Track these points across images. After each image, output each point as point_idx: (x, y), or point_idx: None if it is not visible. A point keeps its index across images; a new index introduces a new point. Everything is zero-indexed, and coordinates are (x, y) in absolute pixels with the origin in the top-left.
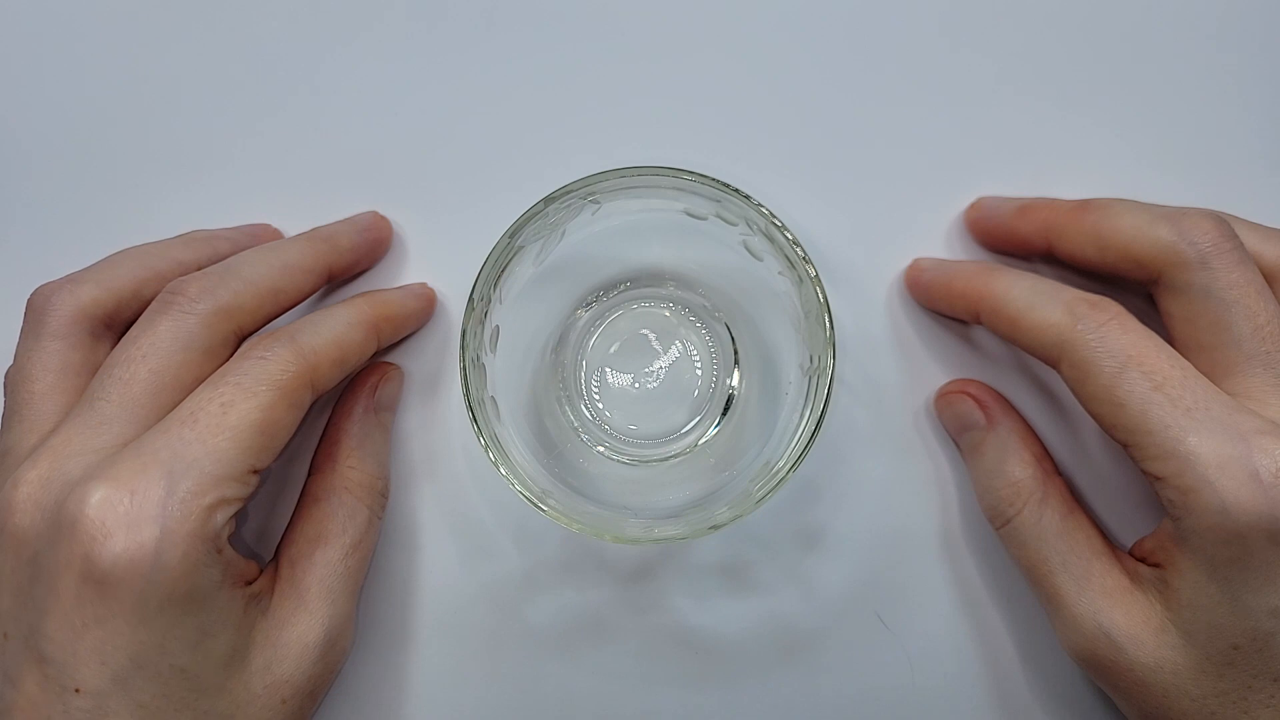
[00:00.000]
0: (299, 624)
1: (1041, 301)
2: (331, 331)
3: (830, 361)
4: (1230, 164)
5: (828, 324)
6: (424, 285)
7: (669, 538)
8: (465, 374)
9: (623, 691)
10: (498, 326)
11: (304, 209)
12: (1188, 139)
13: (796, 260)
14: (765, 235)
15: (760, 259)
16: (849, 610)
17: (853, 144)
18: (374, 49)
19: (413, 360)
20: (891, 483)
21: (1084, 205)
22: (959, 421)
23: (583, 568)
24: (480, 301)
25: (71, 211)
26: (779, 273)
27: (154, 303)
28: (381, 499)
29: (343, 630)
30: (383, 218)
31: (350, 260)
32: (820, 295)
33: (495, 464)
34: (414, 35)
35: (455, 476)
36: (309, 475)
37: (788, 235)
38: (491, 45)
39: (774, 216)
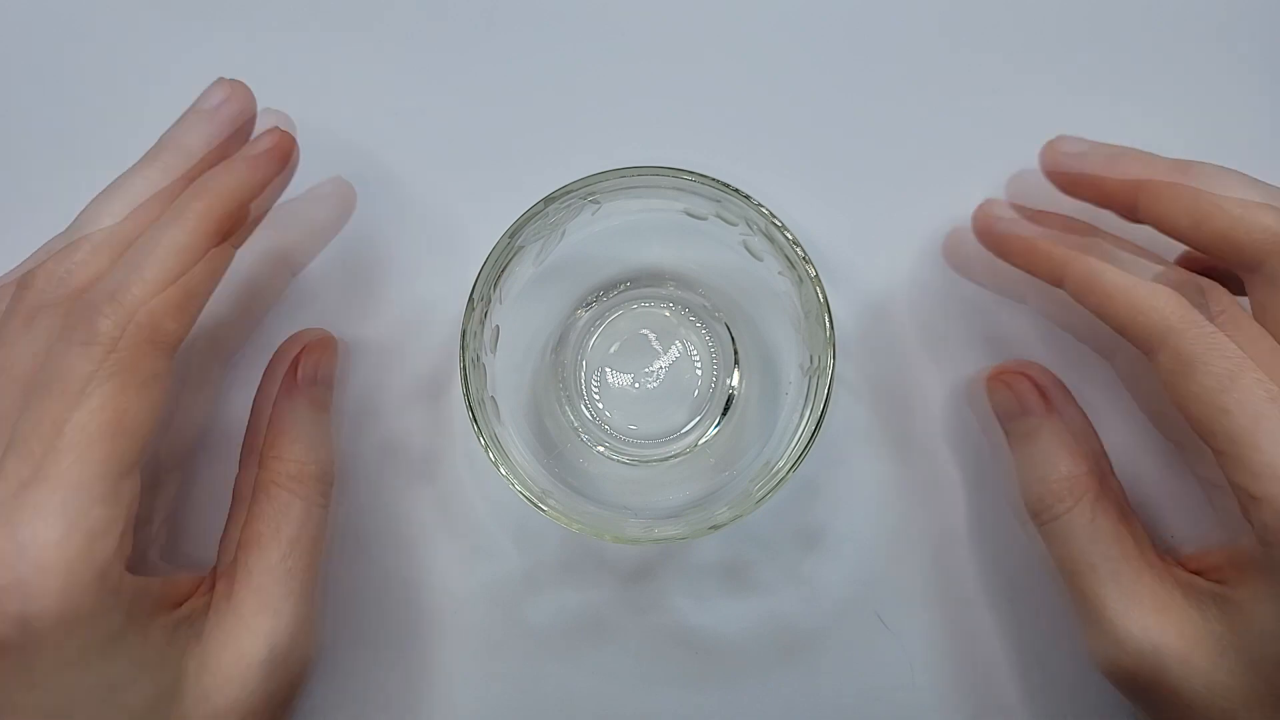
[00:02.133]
0: (236, 642)
1: (1145, 277)
2: (158, 267)
3: (830, 361)
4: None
5: (828, 324)
6: (274, 129)
7: (669, 538)
8: (465, 374)
9: (623, 691)
10: (498, 326)
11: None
12: (1189, 139)
13: (796, 260)
14: (765, 235)
15: (760, 259)
16: (849, 610)
17: (853, 144)
18: (374, 49)
19: (413, 360)
20: (891, 483)
21: (1183, 168)
22: (1012, 405)
23: (583, 568)
24: (480, 301)
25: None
26: (779, 273)
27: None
28: (319, 484)
29: (293, 640)
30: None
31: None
32: (820, 295)
33: (495, 464)
34: (414, 35)
35: (455, 476)
36: (238, 474)
37: (788, 235)
38: (491, 45)
39: (774, 216)
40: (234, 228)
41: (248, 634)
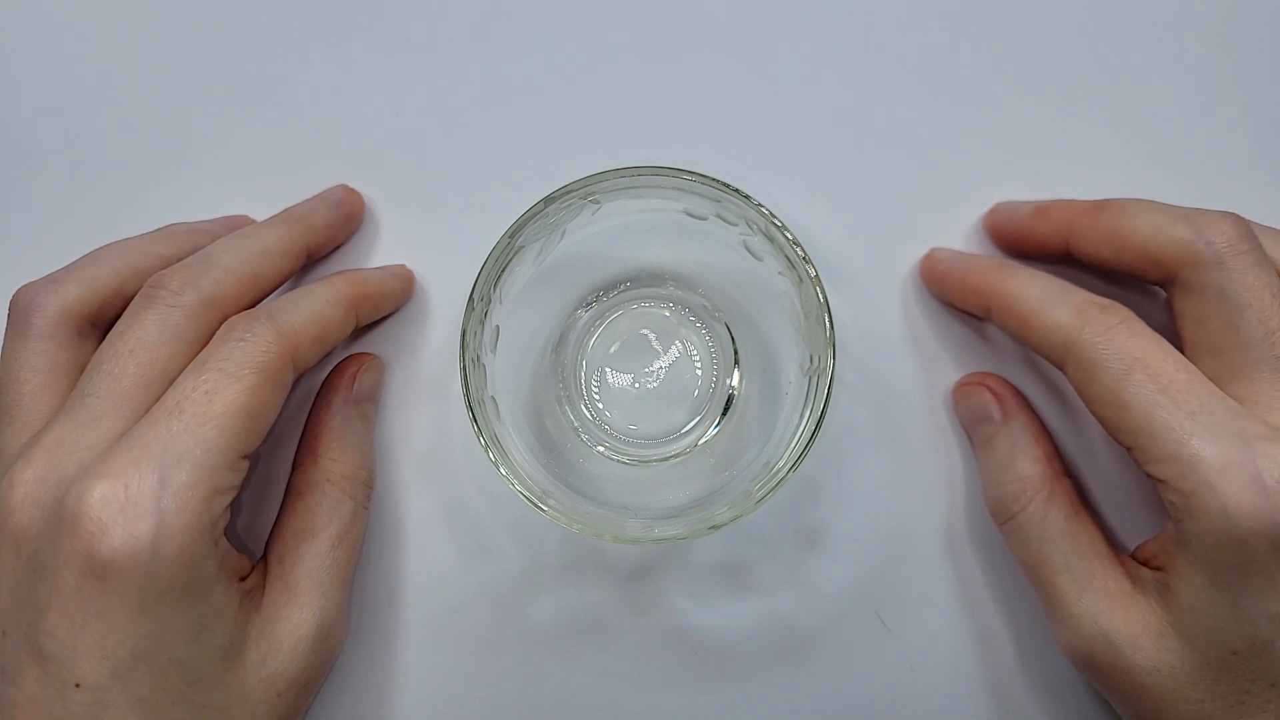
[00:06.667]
0: (291, 617)
1: (1052, 302)
2: (311, 309)
3: (830, 361)
4: (1236, 166)
5: (828, 324)
6: (403, 267)
7: (669, 538)
8: (465, 374)
9: (623, 691)
10: (498, 326)
11: None
12: (1192, 142)
13: (796, 260)
14: (765, 235)
15: (760, 259)
16: (849, 610)
17: (853, 144)
18: (374, 49)
19: (413, 360)
20: (892, 483)
21: (1101, 205)
22: (974, 413)
23: (583, 568)
24: (480, 301)
25: (56, 210)
26: (779, 273)
27: (137, 297)
28: (365, 489)
29: (335, 621)
30: (353, 191)
31: (326, 238)
32: (820, 295)
33: (495, 464)
34: (415, 35)
35: (455, 476)
36: (292, 470)
37: (788, 235)
38: (492, 45)
39: (774, 216)
40: (363, 310)
41: (300, 611)
